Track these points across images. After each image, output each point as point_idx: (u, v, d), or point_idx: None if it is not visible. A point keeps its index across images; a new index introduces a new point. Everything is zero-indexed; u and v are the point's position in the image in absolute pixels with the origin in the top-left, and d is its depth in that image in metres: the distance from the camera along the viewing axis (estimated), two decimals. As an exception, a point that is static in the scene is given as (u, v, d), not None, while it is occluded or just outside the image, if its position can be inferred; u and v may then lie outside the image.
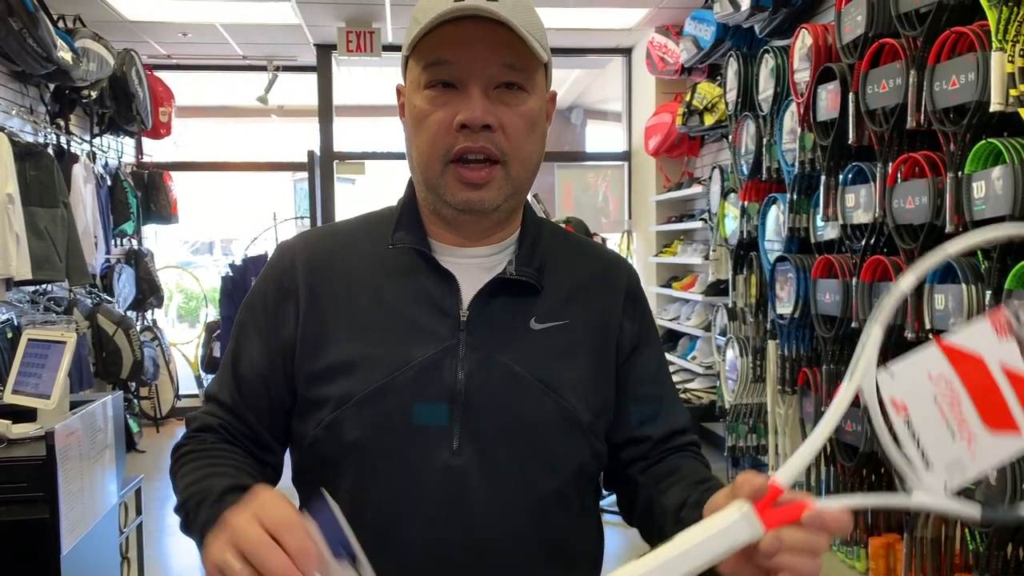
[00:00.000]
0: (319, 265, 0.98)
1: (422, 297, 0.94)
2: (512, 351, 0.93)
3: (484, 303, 0.94)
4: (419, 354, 0.91)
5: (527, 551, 0.91)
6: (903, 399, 0.73)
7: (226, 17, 5.64)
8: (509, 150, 0.91)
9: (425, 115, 0.91)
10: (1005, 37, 2.40)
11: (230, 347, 1.00)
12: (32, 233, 4.19)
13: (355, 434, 0.90)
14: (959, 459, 0.72)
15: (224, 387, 0.98)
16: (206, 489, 0.84)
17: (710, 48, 4.84)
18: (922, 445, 0.73)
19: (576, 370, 0.95)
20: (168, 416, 6.59)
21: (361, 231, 1.02)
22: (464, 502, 0.89)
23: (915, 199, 2.87)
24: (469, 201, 0.92)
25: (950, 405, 0.73)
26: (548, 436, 0.93)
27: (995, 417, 0.72)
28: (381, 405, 0.90)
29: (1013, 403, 0.72)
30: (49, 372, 2.16)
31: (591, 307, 0.99)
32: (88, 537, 2.16)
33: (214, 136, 10.19)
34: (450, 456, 0.90)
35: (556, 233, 1.06)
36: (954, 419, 0.72)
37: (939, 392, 0.73)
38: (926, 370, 0.74)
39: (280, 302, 0.97)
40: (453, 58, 0.89)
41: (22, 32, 4.01)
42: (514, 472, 0.91)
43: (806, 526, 0.68)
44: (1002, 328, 0.73)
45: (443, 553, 0.89)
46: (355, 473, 0.91)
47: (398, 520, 0.89)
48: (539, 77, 0.94)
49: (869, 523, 3.45)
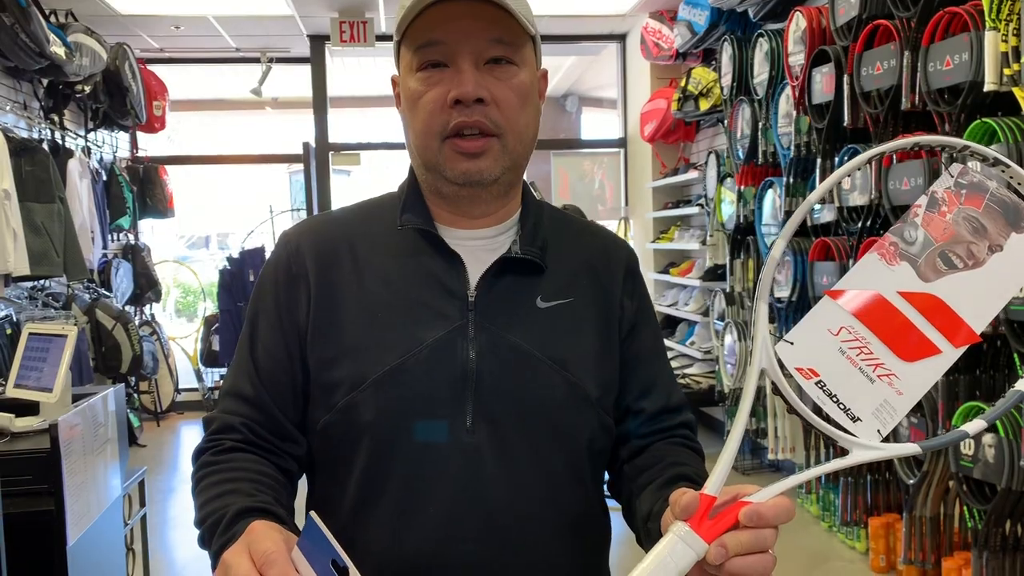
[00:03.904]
0: (326, 250, 0.98)
1: (429, 278, 0.95)
2: (520, 329, 0.95)
3: (491, 283, 0.96)
4: (430, 335, 0.93)
5: (542, 525, 0.93)
6: (808, 363, 0.71)
7: (218, 9, 5.62)
8: (503, 122, 0.93)
9: (419, 96, 0.93)
10: (998, 17, 2.41)
11: (244, 338, 1.00)
12: (29, 229, 4.19)
13: (370, 416, 0.92)
14: (885, 402, 0.70)
15: (242, 377, 0.98)
16: (221, 509, 0.84)
17: (704, 33, 4.83)
18: (843, 401, 0.70)
19: (583, 346, 0.97)
20: (168, 410, 6.60)
21: (365, 216, 1.03)
22: (479, 479, 0.91)
23: (911, 180, 2.88)
24: (468, 172, 0.93)
25: (859, 352, 0.70)
26: (559, 412, 0.94)
27: (909, 347, 0.70)
28: (395, 386, 0.91)
29: (923, 325, 0.70)
30: (51, 366, 2.17)
31: (593, 285, 1.01)
32: (93, 529, 2.18)
33: (209, 129, 10.17)
34: (464, 434, 0.91)
35: (556, 214, 1.08)
36: (867, 364, 0.70)
37: (844, 343, 0.71)
38: (824, 326, 0.72)
39: (290, 288, 0.97)
40: (442, 37, 0.91)
41: (14, 27, 4.00)
42: (527, 448, 0.93)
43: (747, 526, 0.68)
44: (890, 255, 0.71)
45: (460, 528, 0.90)
46: (370, 454, 0.92)
47: (415, 499, 0.91)
48: (527, 52, 0.96)
49: (869, 504, 3.47)
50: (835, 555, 3.56)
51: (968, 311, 0.69)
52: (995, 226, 0.69)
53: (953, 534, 2.99)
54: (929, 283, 0.70)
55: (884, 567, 3.31)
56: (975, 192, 0.70)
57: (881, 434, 0.70)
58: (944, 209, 0.71)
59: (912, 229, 0.71)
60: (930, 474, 2.97)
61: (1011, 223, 0.69)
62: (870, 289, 0.71)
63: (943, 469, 2.92)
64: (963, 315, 0.69)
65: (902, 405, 0.70)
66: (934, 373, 0.70)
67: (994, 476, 2.51)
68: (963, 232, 0.70)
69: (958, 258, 0.70)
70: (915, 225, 0.71)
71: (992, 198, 0.70)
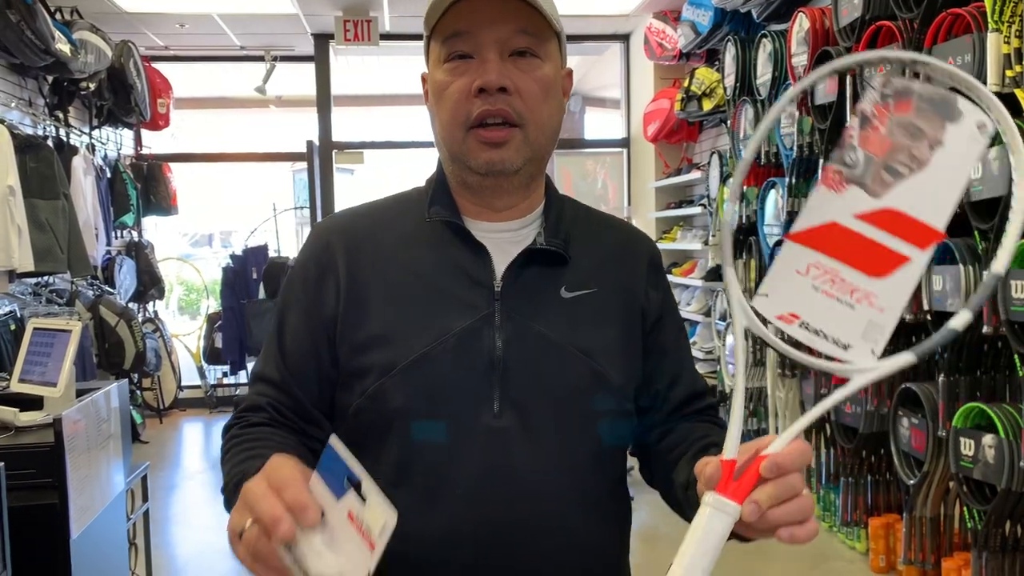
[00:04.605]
0: (356, 242, 1.02)
1: (457, 269, 0.99)
2: (545, 319, 0.98)
3: (516, 274, 0.99)
4: (458, 324, 0.96)
5: (566, 507, 0.97)
6: (787, 309, 0.72)
7: (223, 7, 5.63)
8: (526, 113, 0.96)
9: (445, 86, 0.96)
10: (1001, 18, 2.41)
11: (274, 326, 1.04)
12: (34, 225, 4.20)
13: (399, 401, 0.95)
14: (870, 322, 0.70)
15: (270, 363, 1.02)
16: (245, 471, 0.87)
17: (708, 33, 4.84)
18: (830, 335, 0.71)
19: (606, 336, 1.00)
20: (171, 407, 6.61)
21: (394, 209, 1.07)
22: (506, 462, 0.94)
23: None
24: (491, 161, 0.96)
25: (832, 283, 0.71)
26: (583, 398, 0.97)
27: (879, 264, 0.70)
28: (424, 373, 0.94)
29: (885, 239, 0.70)
30: (55, 361, 2.18)
31: (617, 276, 1.04)
32: (96, 523, 2.19)
33: (212, 127, 10.18)
34: (491, 419, 0.95)
35: (578, 207, 1.12)
36: (843, 293, 0.71)
37: (815, 279, 0.71)
38: (792, 269, 0.72)
39: (320, 279, 1.01)
40: (468, 28, 0.94)
41: (20, 24, 4.02)
42: (552, 433, 0.96)
43: (771, 479, 0.70)
44: (836, 183, 0.72)
45: (486, 509, 0.94)
46: (401, 438, 0.95)
47: (443, 481, 0.95)
48: (552, 47, 0.99)
49: (869, 504, 3.48)
50: (835, 555, 3.56)
51: (926, 212, 0.69)
52: (930, 124, 0.69)
53: (953, 535, 3.00)
54: (881, 198, 0.70)
55: (884, 567, 3.31)
56: (902, 98, 0.70)
57: (875, 353, 0.70)
58: (876, 123, 0.71)
59: (851, 152, 0.72)
60: (930, 475, 2.98)
61: (945, 116, 0.69)
62: (826, 221, 0.72)
63: (943, 470, 2.93)
64: (922, 218, 0.69)
65: (887, 320, 0.70)
66: (910, 281, 0.70)
67: (994, 477, 2.52)
68: (901, 139, 0.70)
69: (902, 165, 0.70)
70: (853, 147, 0.72)
71: (920, 98, 0.70)
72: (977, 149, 0.69)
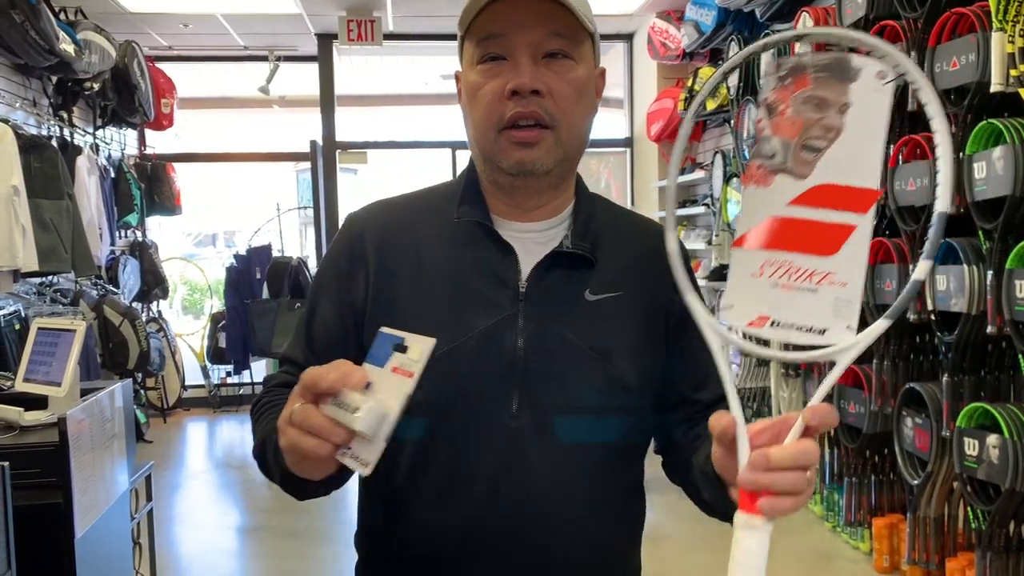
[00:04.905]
0: (387, 236, 1.04)
1: (483, 269, 1.00)
2: (567, 321, 0.99)
3: (542, 275, 1.00)
4: (480, 323, 0.97)
5: (579, 505, 0.98)
6: (755, 313, 0.72)
7: (227, 7, 5.64)
8: (558, 115, 0.96)
9: (478, 87, 0.97)
10: (1005, 18, 2.41)
11: (304, 312, 1.07)
12: (38, 225, 4.21)
13: (419, 397, 0.96)
14: (837, 299, 0.70)
15: (296, 347, 1.06)
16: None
17: (711, 33, 4.84)
18: (803, 325, 0.71)
19: (627, 339, 1.01)
20: (175, 407, 6.62)
21: (425, 204, 1.08)
22: (523, 460, 0.96)
23: (916, 181, 2.88)
24: (522, 162, 0.97)
25: (788, 275, 0.71)
26: (599, 401, 0.99)
27: (827, 241, 0.70)
28: (445, 371, 0.95)
29: (825, 215, 0.70)
30: (59, 360, 2.19)
31: (644, 279, 1.04)
32: (101, 522, 2.19)
33: (216, 127, 10.18)
34: (509, 419, 0.96)
35: (611, 208, 1.12)
36: (802, 280, 0.71)
37: (772, 276, 0.72)
38: (747, 273, 0.73)
39: (351, 269, 1.03)
40: (502, 30, 0.95)
41: (24, 25, 4.02)
42: (567, 434, 0.97)
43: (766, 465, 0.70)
44: (762, 178, 0.72)
45: (502, 505, 0.96)
46: (421, 432, 0.97)
47: (461, 476, 0.97)
48: (586, 49, 1.00)
49: (873, 504, 3.48)
50: (839, 555, 3.56)
51: (855, 176, 0.69)
52: (832, 90, 0.69)
53: (957, 535, 3.00)
54: (808, 178, 0.70)
55: (888, 567, 3.31)
56: (798, 74, 0.70)
57: (852, 328, 0.70)
58: (782, 107, 0.71)
59: (766, 143, 0.72)
60: (934, 475, 2.97)
61: (843, 78, 0.69)
62: (764, 217, 0.72)
63: (947, 470, 2.92)
64: (853, 183, 0.69)
65: (853, 292, 0.70)
66: (862, 246, 0.70)
67: (998, 477, 2.51)
68: (809, 114, 0.70)
69: (818, 139, 0.70)
70: (767, 138, 0.72)
71: (815, 69, 0.70)
72: (884, 98, 0.69)
